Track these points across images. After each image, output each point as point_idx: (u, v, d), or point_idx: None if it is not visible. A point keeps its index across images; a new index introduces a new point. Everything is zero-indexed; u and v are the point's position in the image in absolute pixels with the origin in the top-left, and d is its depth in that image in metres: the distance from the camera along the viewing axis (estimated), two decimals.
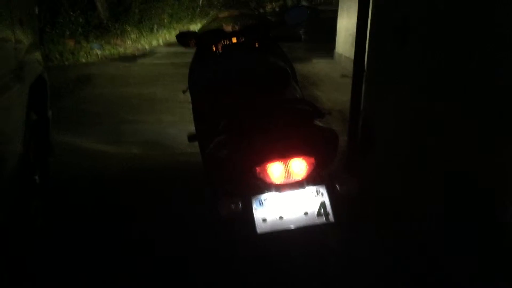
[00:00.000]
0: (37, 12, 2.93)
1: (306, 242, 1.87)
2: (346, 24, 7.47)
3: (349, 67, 3.68)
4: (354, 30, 3.04)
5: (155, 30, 13.61)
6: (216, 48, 2.35)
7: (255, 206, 1.64)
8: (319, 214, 1.65)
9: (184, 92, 2.42)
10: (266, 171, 1.59)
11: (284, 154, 1.58)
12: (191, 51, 2.50)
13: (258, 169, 1.60)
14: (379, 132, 2.94)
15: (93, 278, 1.96)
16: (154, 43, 12.33)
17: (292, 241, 1.81)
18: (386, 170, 2.76)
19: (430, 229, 2.16)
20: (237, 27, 2.48)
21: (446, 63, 2.21)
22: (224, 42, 2.35)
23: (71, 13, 9.43)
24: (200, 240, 2.19)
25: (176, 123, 4.23)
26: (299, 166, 1.61)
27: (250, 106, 1.73)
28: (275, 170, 1.59)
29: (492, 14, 1.88)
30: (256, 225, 1.62)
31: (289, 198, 1.64)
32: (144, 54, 9.92)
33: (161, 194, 2.71)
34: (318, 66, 7.73)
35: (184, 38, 2.34)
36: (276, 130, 1.59)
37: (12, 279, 1.90)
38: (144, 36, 12.46)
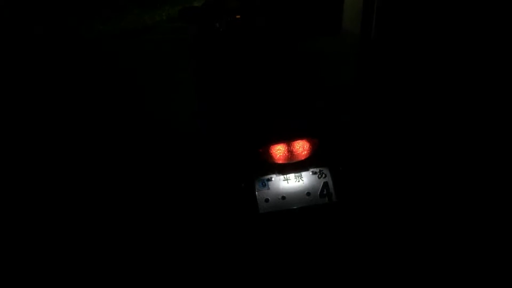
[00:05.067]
0: None
1: (308, 222, 1.87)
2: None
3: (356, 43, 3.62)
4: (361, 5, 2.97)
5: (158, 5, 13.38)
6: (219, 24, 2.30)
7: (257, 186, 1.63)
8: (321, 194, 1.64)
9: (187, 70, 2.39)
10: (269, 152, 1.58)
11: (287, 135, 1.56)
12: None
13: (261, 150, 1.58)
14: (385, 111, 2.90)
15: None
16: (157, 18, 12.15)
17: (294, 221, 1.81)
18: (391, 149, 2.73)
19: (432, 211, 2.16)
20: (240, 4, 2.42)
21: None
22: (227, 19, 2.30)
23: None
24: (200, 220, 2.19)
25: (178, 100, 4.19)
26: (302, 147, 1.59)
27: (254, 87, 1.70)
28: (278, 152, 1.58)
29: None
30: (259, 205, 1.62)
31: (292, 179, 1.64)
32: (147, 29, 9.78)
33: (161, 173, 2.69)
34: (322, 42, 7.60)
35: (186, 14, 2.30)
36: (279, 111, 1.57)
37: None
38: (146, 11, 12.27)
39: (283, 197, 1.63)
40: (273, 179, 1.64)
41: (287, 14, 2.44)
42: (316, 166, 1.65)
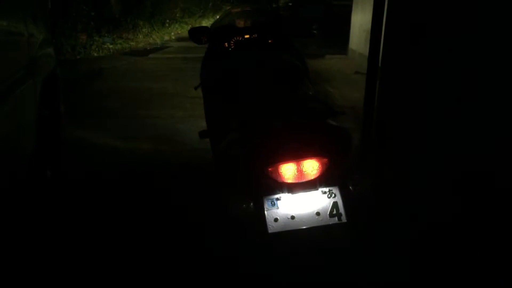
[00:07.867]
0: (49, 7, 2.93)
1: (318, 242, 1.84)
2: (360, 19, 7.38)
3: (363, 63, 3.63)
4: (369, 26, 2.99)
5: (167, 25, 13.64)
6: (229, 44, 2.32)
7: (266, 206, 1.61)
8: (331, 214, 1.62)
9: (196, 88, 2.40)
10: (278, 171, 1.56)
11: (296, 154, 1.55)
12: (204, 46, 2.47)
13: (270, 169, 1.57)
14: (393, 130, 2.89)
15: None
16: (166, 37, 12.35)
17: (304, 241, 1.78)
18: (400, 168, 2.71)
19: (446, 229, 2.12)
20: (249, 23, 2.44)
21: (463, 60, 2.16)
22: (236, 38, 2.32)
23: (84, 7, 9.46)
24: (207, 241, 2.16)
25: (187, 118, 4.21)
26: (311, 166, 1.58)
27: (263, 105, 1.70)
28: (287, 171, 1.56)
29: None
30: (268, 225, 1.60)
31: (301, 199, 1.62)
32: (156, 49, 9.94)
33: (167, 192, 2.67)
34: (331, 62, 7.67)
35: (196, 34, 2.32)
36: (288, 129, 1.56)
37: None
38: (156, 31, 12.50)
39: (292, 217, 1.61)
40: (282, 198, 1.62)
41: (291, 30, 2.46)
42: (325, 186, 1.63)
